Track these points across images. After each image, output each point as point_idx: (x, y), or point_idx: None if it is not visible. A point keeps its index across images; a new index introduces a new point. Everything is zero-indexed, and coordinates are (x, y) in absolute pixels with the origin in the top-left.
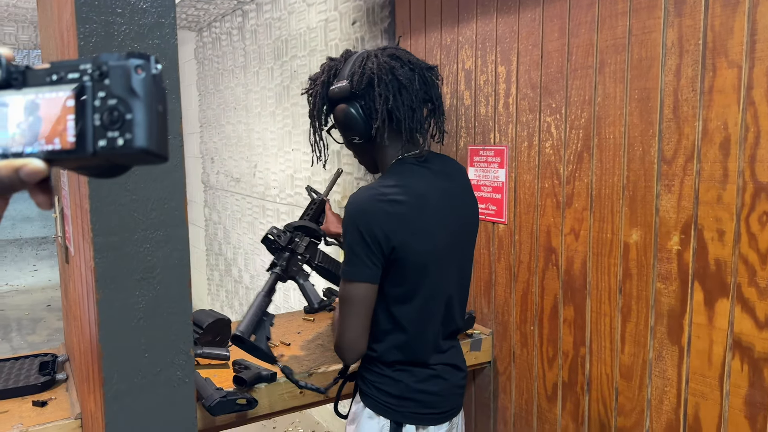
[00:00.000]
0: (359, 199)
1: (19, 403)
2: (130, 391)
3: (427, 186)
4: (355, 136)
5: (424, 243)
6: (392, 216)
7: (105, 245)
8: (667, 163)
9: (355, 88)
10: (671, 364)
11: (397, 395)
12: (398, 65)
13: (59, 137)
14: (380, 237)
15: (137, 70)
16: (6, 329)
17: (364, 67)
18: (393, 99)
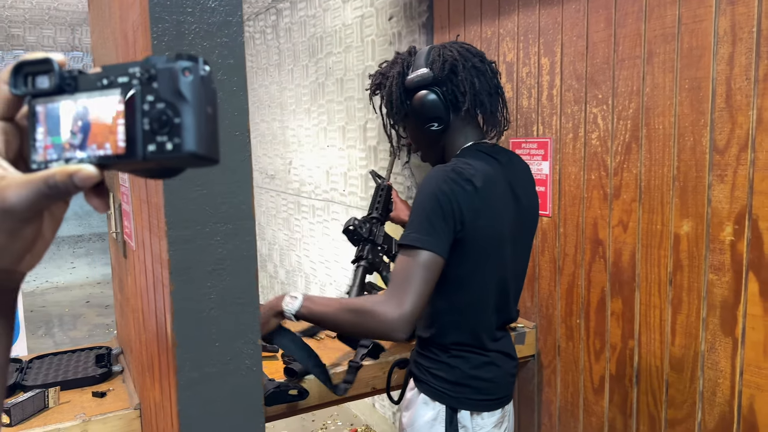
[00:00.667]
0: (439, 173)
1: (80, 393)
2: (201, 379)
3: (496, 174)
4: (434, 123)
5: (489, 227)
6: (468, 194)
7: (178, 238)
8: (719, 153)
9: (438, 74)
10: (724, 355)
11: (452, 381)
12: (471, 55)
13: (110, 142)
14: (456, 211)
15: (185, 72)
16: (48, 325)
17: (444, 54)
18: (478, 83)
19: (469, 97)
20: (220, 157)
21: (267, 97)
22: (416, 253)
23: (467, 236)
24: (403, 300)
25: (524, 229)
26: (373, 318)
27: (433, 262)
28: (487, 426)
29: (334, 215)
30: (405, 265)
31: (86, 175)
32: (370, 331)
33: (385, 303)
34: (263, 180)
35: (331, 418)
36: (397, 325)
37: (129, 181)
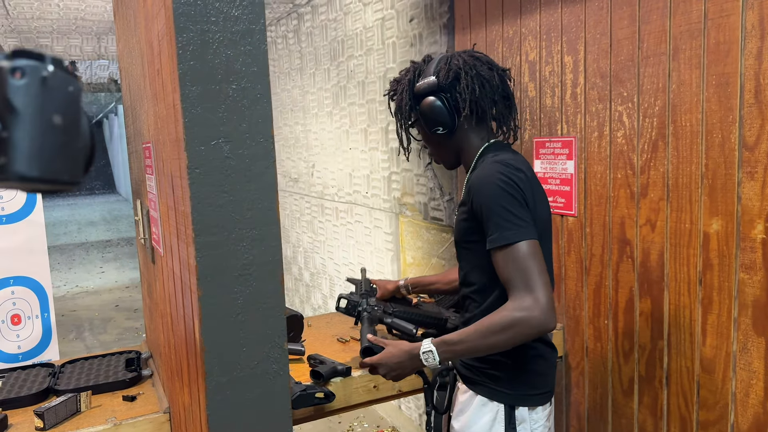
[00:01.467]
0: (493, 169)
1: (110, 397)
2: (230, 383)
3: (526, 161)
4: (440, 127)
5: (542, 210)
6: (524, 180)
7: (206, 244)
8: (749, 150)
9: (442, 81)
10: (757, 356)
11: (508, 378)
12: (479, 63)
13: None
14: (524, 196)
15: (15, 74)
16: (79, 329)
17: (450, 63)
18: (479, 90)
19: (469, 104)
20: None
21: (290, 101)
22: (515, 248)
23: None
24: (536, 293)
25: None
26: (522, 324)
27: (536, 249)
28: (541, 420)
29: (357, 217)
30: (513, 263)
31: None
32: (525, 337)
33: (522, 304)
34: (287, 183)
35: (357, 420)
36: (546, 317)
37: (156, 188)
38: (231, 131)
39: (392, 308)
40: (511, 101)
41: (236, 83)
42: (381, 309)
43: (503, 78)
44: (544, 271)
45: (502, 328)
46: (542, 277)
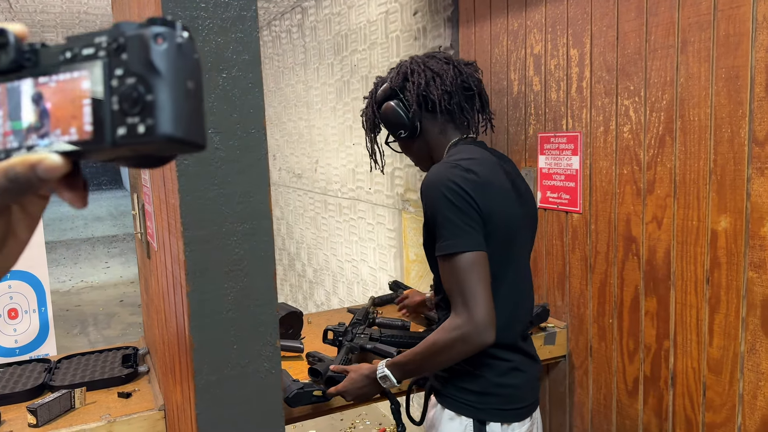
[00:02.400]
0: (437, 172)
1: (106, 394)
2: (220, 382)
3: (491, 160)
4: (401, 130)
5: (503, 211)
6: (473, 182)
7: (194, 239)
8: (759, 145)
9: (394, 84)
10: (766, 357)
11: (478, 391)
12: (433, 60)
13: (76, 126)
14: (470, 201)
15: (157, 39)
16: (83, 324)
17: (400, 65)
18: (425, 84)
19: (416, 97)
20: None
21: (293, 96)
22: (455, 259)
23: (487, 225)
24: (470, 309)
25: (527, 221)
26: (458, 343)
27: (476, 260)
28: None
29: (360, 213)
30: (451, 276)
31: (50, 165)
32: (464, 354)
33: (456, 322)
34: (290, 179)
35: (359, 418)
36: (480, 334)
37: (150, 182)
38: (221, 122)
39: (380, 334)
40: (474, 92)
41: (227, 72)
42: (368, 336)
43: (462, 71)
44: (484, 283)
45: (439, 349)
46: (480, 291)
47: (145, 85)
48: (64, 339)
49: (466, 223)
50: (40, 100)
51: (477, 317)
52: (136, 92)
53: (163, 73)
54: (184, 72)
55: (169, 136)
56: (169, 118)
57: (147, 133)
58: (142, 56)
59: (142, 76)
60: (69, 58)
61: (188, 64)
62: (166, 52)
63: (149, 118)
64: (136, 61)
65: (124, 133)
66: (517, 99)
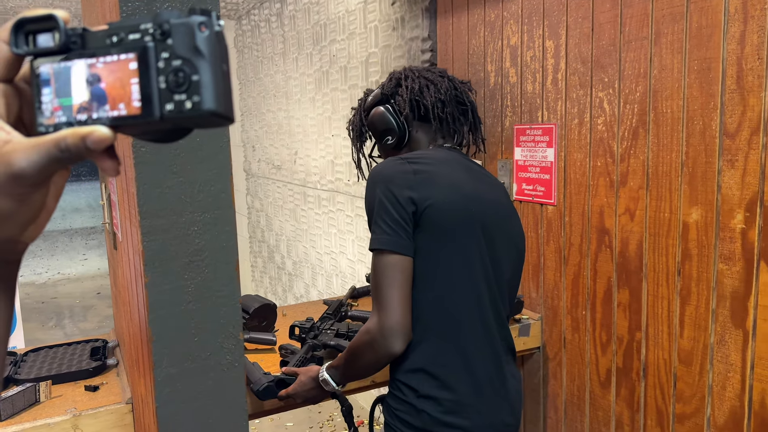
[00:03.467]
0: (380, 166)
1: (72, 387)
2: (180, 375)
3: (451, 160)
4: (389, 136)
5: (449, 207)
6: (407, 177)
7: (153, 228)
8: (729, 137)
9: (386, 90)
10: (735, 348)
11: (418, 427)
12: (427, 71)
13: (124, 102)
14: (403, 202)
15: (201, 27)
16: (59, 316)
17: (393, 73)
18: (419, 90)
19: (409, 102)
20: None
21: (272, 86)
22: (379, 257)
23: (423, 221)
24: (380, 313)
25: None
26: (367, 348)
27: (396, 263)
28: None
29: (339, 206)
30: (373, 274)
31: (100, 137)
32: (374, 360)
33: (368, 326)
34: (270, 171)
35: (337, 410)
36: (386, 341)
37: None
38: None
39: (348, 329)
40: (468, 107)
41: None
42: (334, 332)
43: (456, 85)
44: (399, 288)
45: (354, 353)
46: (393, 295)
47: (191, 66)
48: (39, 332)
49: (396, 223)
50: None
51: (384, 322)
52: (182, 73)
53: (207, 56)
54: (220, 56)
55: (213, 111)
56: (212, 95)
57: (193, 108)
58: (188, 41)
59: (188, 59)
60: (115, 42)
61: (223, 50)
62: (209, 38)
63: (195, 95)
64: (182, 45)
65: (171, 108)
66: (494, 91)
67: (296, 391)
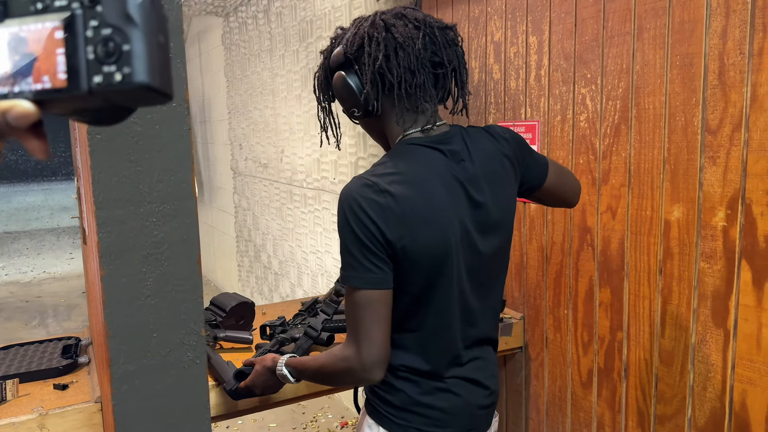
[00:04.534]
0: (349, 190)
1: (41, 386)
2: (138, 372)
3: (432, 171)
4: (354, 108)
5: (424, 237)
6: (383, 207)
7: (108, 219)
8: (711, 134)
9: (348, 51)
10: (716, 348)
11: (397, 406)
12: (400, 23)
13: (49, 75)
14: (376, 233)
15: None
16: (43, 315)
17: (359, 27)
18: (384, 59)
19: (369, 77)
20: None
21: (259, 83)
22: (353, 293)
23: (402, 258)
24: (359, 346)
25: (490, 226)
26: (343, 374)
27: (372, 299)
28: None
29: (325, 204)
30: (349, 308)
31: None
32: (350, 384)
33: (345, 354)
34: (256, 169)
35: (321, 411)
36: (365, 373)
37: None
38: None
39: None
40: (450, 68)
41: None
42: (306, 325)
43: (435, 39)
44: (379, 323)
45: (327, 374)
46: (374, 330)
47: (121, 35)
48: (22, 331)
49: (368, 259)
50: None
51: (365, 356)
52: (112, 42)
53: (139, 25)
54: (156, 25)
55: (146, 84)
56: (144, 67)
57: (124, 80)
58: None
59: (118, 27)
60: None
61: (160, 19)
62: (142, 5)
63: (126, 67)
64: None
65: (100, 81)
66: (478, 87)
67: (253, 381)
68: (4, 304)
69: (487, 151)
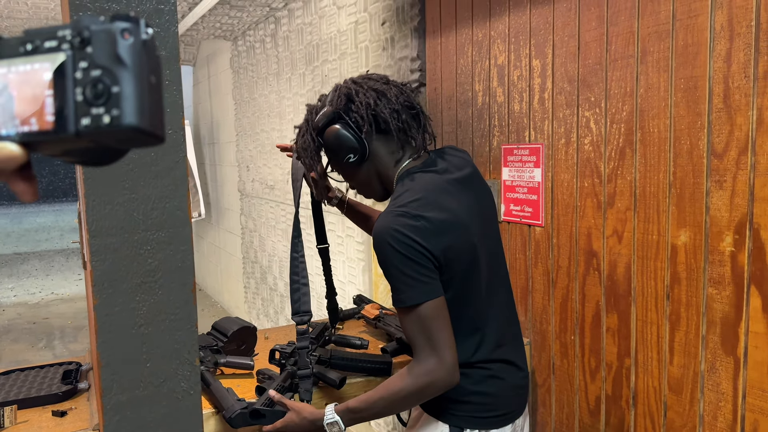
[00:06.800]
0: (385, 224)
1: (40, 412)
2: (130, 402)
3: (441, 184)
4: (351, 154)
5: (458, 246)
6: (424, 230)
7: (102, 247)
8: (717, 157)
9: (338, 106)
10: (726, 376)
11: (454, 399)
12: (370, 80)
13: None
14: (423, 251)
15: (124, 34)
16: (50, 337)
17: (339, 88)
18: (374, 104)
19: (368, 118)
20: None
21: (267, 106)
22: (415, 311)
23: (444, 266)
24: (439, 352)
25: (490, 220)
26: (428, 388)
27: (436, 307)
28: None
29: (330, 226)
30: (414, 325)
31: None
32: (431, 396)
33: (427, 368)
34: (263, 190)
35: None
36: (451, 377)
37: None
38: None
39: (330, 356)
40: (418, 110)
41: None
42: (316, 358)
43: (402, 89)
44: (447, 328)
45: (408, 394)
46: (446, 336)
47: (111, 77)
48: (28, 353)
49: (421, 273)
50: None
51: (447, 361)
52: (101, 84)
53: (129, 66)
54: (147, 67)
55: (134, 127)
56: (134, 109)
57: (112, 123)
58: (108, 50)
59: (108, 68)
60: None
61: (152, 60)
62: (132, 46)
63: (115, 109)
64: (102, 54)
65: (88, 123)
66: (482, 110)
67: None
68: (12, 325)
69: (458, 160)
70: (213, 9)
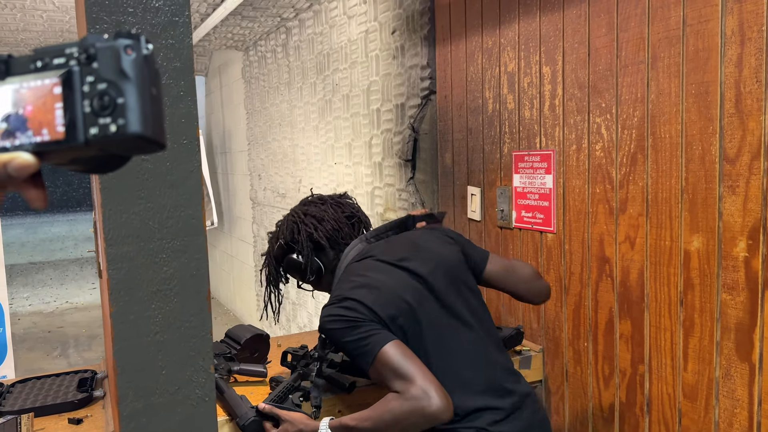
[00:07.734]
0: (322, 316)
1: (56, 420)
2: (146, 409)
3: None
4: (311, 275)
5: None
6: (360, 301)
7: (118, 256)
8: (730, 162)
9: (287, 239)
10: (741, 383)
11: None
12: (310, 207)
13: (47, 128)
14: (356, 315)
15: (127, 50)
16: (64, 345)
17: (284, 222)
18: (315, 231)
19: (306, 248)
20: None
21: (278, 115)
22: (378, 359)
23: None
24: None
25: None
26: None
27: (397, 347)
28: None
29: None
30: (383, 370)
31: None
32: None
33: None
34: (275, 198)
35: None
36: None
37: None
38: None
39: (342, 358)
40: (357, 216)
41: None
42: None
43: (341, 204)
44: (415, 360)
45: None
46: (418, 364)
47: (116, 89)
48: (43, 361)
49: (366, 330)
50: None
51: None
52: (107, 96)
53: (133, 79)
54: (149, 79)
55: (139, 135)
56: (138, 118)
57: (118, 131)
58: (113, 64)
59: (113, 81)
60: (40, 67)
61: (152, 73)
62: (135, 61)
63: (120, 119)
64: (107, 68)
65: (96, 132)
66: (492, 117)
67: None
68: (27, 334)
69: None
70: (225, 20)
